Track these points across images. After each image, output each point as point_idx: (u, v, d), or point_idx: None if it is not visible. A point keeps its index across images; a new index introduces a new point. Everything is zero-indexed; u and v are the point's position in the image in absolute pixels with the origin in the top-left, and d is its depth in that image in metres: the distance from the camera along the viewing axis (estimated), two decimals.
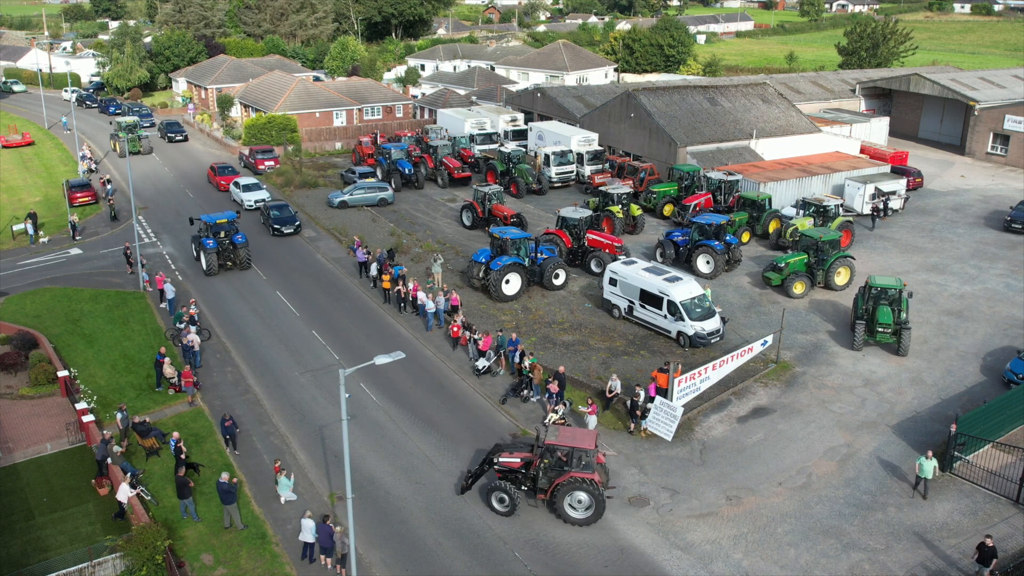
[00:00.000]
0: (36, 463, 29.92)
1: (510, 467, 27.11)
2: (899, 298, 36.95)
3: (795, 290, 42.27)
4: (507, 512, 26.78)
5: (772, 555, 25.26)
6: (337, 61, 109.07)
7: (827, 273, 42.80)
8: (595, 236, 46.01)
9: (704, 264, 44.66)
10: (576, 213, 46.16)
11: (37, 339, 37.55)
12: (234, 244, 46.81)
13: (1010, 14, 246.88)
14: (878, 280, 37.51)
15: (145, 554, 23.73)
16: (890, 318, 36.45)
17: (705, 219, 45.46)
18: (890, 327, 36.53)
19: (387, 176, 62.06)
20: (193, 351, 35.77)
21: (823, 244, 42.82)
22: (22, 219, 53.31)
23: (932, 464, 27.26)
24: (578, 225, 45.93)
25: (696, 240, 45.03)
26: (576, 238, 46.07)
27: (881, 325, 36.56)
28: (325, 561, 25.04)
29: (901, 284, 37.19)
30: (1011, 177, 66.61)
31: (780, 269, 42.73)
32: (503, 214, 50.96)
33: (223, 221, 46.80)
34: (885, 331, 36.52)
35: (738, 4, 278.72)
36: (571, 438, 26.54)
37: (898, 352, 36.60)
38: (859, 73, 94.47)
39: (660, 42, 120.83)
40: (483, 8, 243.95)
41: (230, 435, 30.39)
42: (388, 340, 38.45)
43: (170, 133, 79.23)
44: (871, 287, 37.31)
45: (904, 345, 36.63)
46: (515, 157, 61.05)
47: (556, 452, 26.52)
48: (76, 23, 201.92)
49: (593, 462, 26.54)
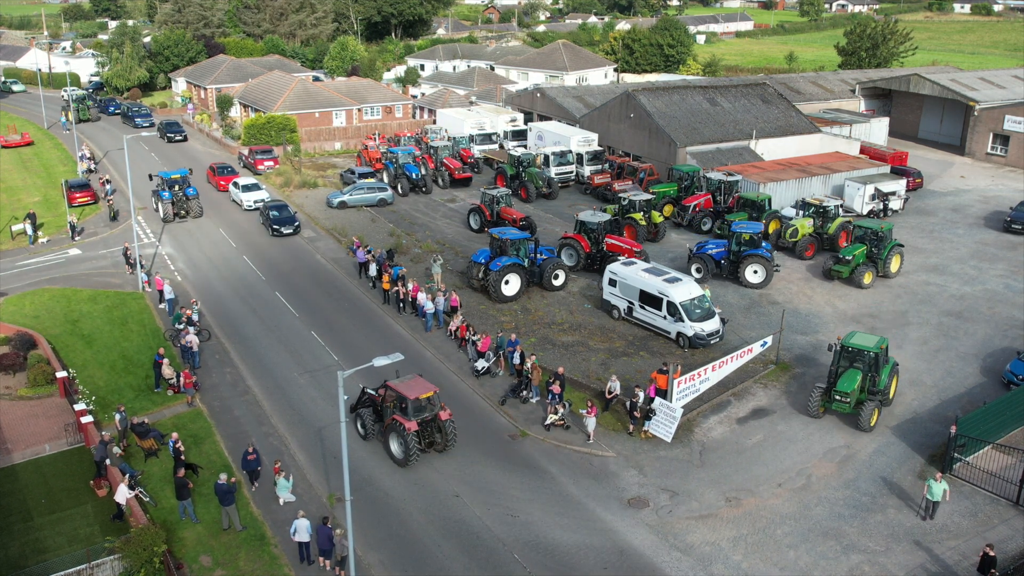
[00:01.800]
0: (35, 464, 29.86)
1: (372, 398, 30.96)
2: (876, 362, 31.32)
3: (865, 281, 43.60)
4: (363, 436, 30.71)
5: (772, 557, 25.23)
6: (337, 61, 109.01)
7: (885, 262, 44.41)
8: (614, 241, 45.14)
9: (752, 274, 43.45)
10: (595, 217, 45.44)
11: (36, 340, 37.50)
12: (186, 196, 55.23)
13: (1010, 14, 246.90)
14: (854, 339, 31.91)
15: (144, 556, 23.69)
16: (853, 386, 30.80)
17: (744, 228, 43.87)
18: (849, 396, 30.81)
19: (395, 181, 61.21)
20: (192, 352, 35.72)
21: (882, 233, 44.29)
22: (21, 219, 53.23)
23: (942, 487, 26.22)
24: (597, 229, 45.24)
25: (741, 250, 43.69)
26: (595, 243, 45.33)
27: (839, 392, 30.96)
28: (324, 563, 25.00)
29: (879, 348, 31.28)
30: (1011, 178, 66.58)
31: (847, 262, 43.99)
32: (512, 217, 50.28)
33: (177, 176, 55.37)
34: (842, 400, 30.93)
35: (738, 4, 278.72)
36: (408, 387, 29.25)
37: (858, 426, 30.93)
38: (859, 73, 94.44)
39: (660, 42, 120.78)
40: (483, 8, 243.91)
41: (251, 469, 28.02)
42: (387, 341, 38.41)
43: (169, 133, 79.16)
44: (844, 346, 31.80)
45: (864, 419, 30.69)
46: (525, 161, 60.13)
47: (391, 394, 29.70)
48: (75, 23, 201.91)
49: (424, 411, 29.31)
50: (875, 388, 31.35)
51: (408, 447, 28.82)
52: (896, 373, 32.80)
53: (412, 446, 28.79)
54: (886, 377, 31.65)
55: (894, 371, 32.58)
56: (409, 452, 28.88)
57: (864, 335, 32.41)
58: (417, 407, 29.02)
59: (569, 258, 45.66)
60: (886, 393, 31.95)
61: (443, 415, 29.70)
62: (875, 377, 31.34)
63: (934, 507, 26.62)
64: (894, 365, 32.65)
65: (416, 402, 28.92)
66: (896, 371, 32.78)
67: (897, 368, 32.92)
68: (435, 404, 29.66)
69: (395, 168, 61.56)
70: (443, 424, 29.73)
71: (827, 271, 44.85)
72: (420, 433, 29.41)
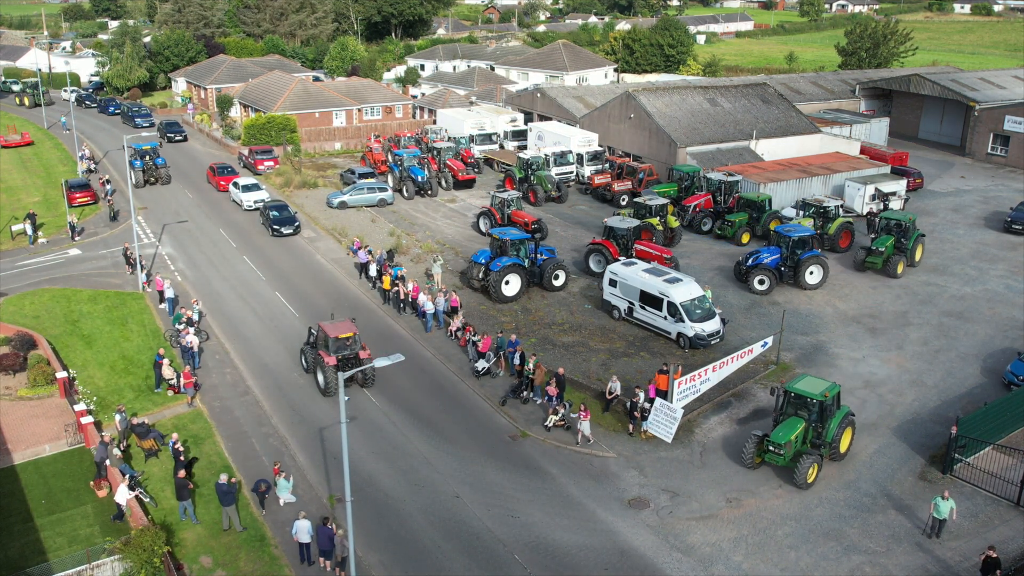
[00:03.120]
0: (35, 464, 29.83)
1: (313, 335, 35.03)
2: (821, 410, 28.43)
3: (899, 270, 44.96)
4: (306, 370, 35.28)
5: (772, 558, 25.21)
6: (337, 61, 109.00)
7: (911, 252, 45.69)
8: (643, 247, 44.30)
9: (810, 276, 43.10)
10: (623, 223, 44.51)
11: (36, 340, 37.46)
12: (155, 165, 63.71)
13: (1010, 14, 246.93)
14: (799, 384, 28.87)
15: (144, 556, 23.66)
16: (789, 436, 27.73)
17: (795, 231, 43.44)
18: (783, 448, 27.70)
19: (399, 184, 60.54)
20: (192, 352, 35.70)
21: (907, 224, 45.34)
22: (21, 219, 53.20)
23: (949, 505, 25.43)
24: (626, 235, 44.30)
25: (796, 254, 43.32)
26: (623, 248, 44.43)
27: (771, 443, 28.00)
28: (324, 564, 24.98)
29: (824, 395, 28.05)
30: (1011, 178, 66.58)
31: (880, 253, 45.01)
32: (523, 220, 49.57)
33: (147, 148, 64.19)
34: (776, 452, 27.89)
35: (738, 4, 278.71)
36: (332, 328, 33.46)
37: (794, 481, 27.80)
38: (859, 73, 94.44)
39: (660, 42, 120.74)
40: (483, 8, 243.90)
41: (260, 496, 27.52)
42: (387, 341, 38.39)
43: (169, 133, 79.14)
44: (787, 391, 28.89)
45: (800, 474, 27.52)
46: (534, 164, 59.39)
47: (320, 333, 33.92)
48: (75, 23, 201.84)
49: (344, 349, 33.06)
50: (819, 440, 28.57)
51: (328, 379, 32.93)
52: (851, 424, 29.30)
53: (331, 378, 32.79)
54: (835, 428, 28.48)
55: (847, 421, 29.02)
56: (328, 383, 33.00)
57: (814, 380, 29.30)
58: (337, 345, 32.98)
59: (597, 264, 44.71)
60: (835, 446, 28.73)
61: (363, 354, 33.37)
62: (820, 428, 28.53)
63: (940, 525, 25.74)
64: (847, 414, 29.09)
65: (336, 340, 32.96)
66: (851, 421, 29.30)
67: (852, 418, 29.44)
68: (355, 344, 33.33)
69: (400, 171, 60.79)
70: (362, 361, 33.03)
71: (860, 263, 45.79)
72: (340, 368, 32.43)
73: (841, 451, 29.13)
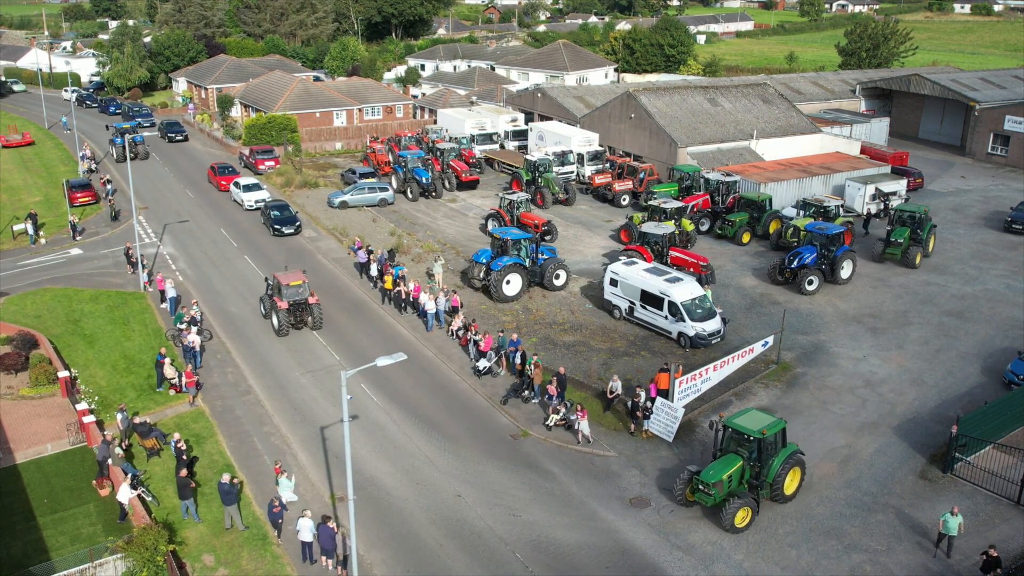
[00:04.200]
0: (37, 464, 29.89)
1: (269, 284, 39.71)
2: (760, 448, 26.44)
3: (917, 260, 46.32)
4: (264, 315, 40.14)
5: (773, 556, 25.26)
6: (337, 61, 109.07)
7: (925, 242, 46.94)
8: (679, 254, 43.43)
9: (843, 271, 43.71)
10: (658, 229, 43.77)
11: (37, 339, 37.53)
12: (135, 142, 70.21)
13: (1010, 14, 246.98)
14: (739, 419, 27.01)
15: (146, 555, 23.71)
16: (720, 476, 25.91)
17: (831, 230, 43.44)
18: (713, 488, 25.78)
19: (404, 185, 60.16)
20: (194, 352, 35.76)
21: (921, 216, 46.69)
22: (22, 219, 53.27)
23: (958, 521, 24.67)
24: (660, 241, 43.54)
25: (831, 251, 43.39)
26: (658, 255, 43.58)
27: (700, 481, 26.12)
28: (326, 563, 25.02)
29: (762, 432, 26.13)
30: (1011, 178, 66.63)
31: (899, 244, 46.26)
32: (533, 222, 49.19)
33: (127, 127, 74.92)
34: (705, 491, 25.99)
35: (738, 4, 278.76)
36: (284, 277, 38.48)
37: (721, 524, 25.86)
38: (859, 73, 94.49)
39: (660, 42, 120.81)
40: (483, 8, 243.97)
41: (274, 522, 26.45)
42: (388, 341, 38.45)
43: (170, 133, 79.22)
44: (726, 426, 27.10)
45: (727, 517, 25.54)
46: (541, 166, 58.60)
47: (274, 282, 38.70)
48: (76, 23, 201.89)
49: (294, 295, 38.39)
50: (758, 481, 26.55)
51: (280, 321, 38.02)
52: (798, 463, 26.99)
53: (283, 320, 38.11)
54: (777, 467, 26.37)
55: (794, 461, 26.79)
56: (280, 325, 38.22)
57: (758, 415, 27.35)
58: (288, 292, 38.23)
59: None
60: (777, 487, 26.52)
61: (311, 300, 38.94)
62: (759, 467, 26.55)
63: (950, 543, 24.95)
64: (793, 453, 26.89)
65: (287, 287, 38.16)
66: (798, 461, 26.99)
67: (799, 457, 27.09)
68: (304, 290, 38.62)
69: (404, 172, 60.35)
70: (311, 307, 38.93)
71: (879, 255, 47.11)
72: (291, 312, 38.50)
73: (786, 492, 26.79)
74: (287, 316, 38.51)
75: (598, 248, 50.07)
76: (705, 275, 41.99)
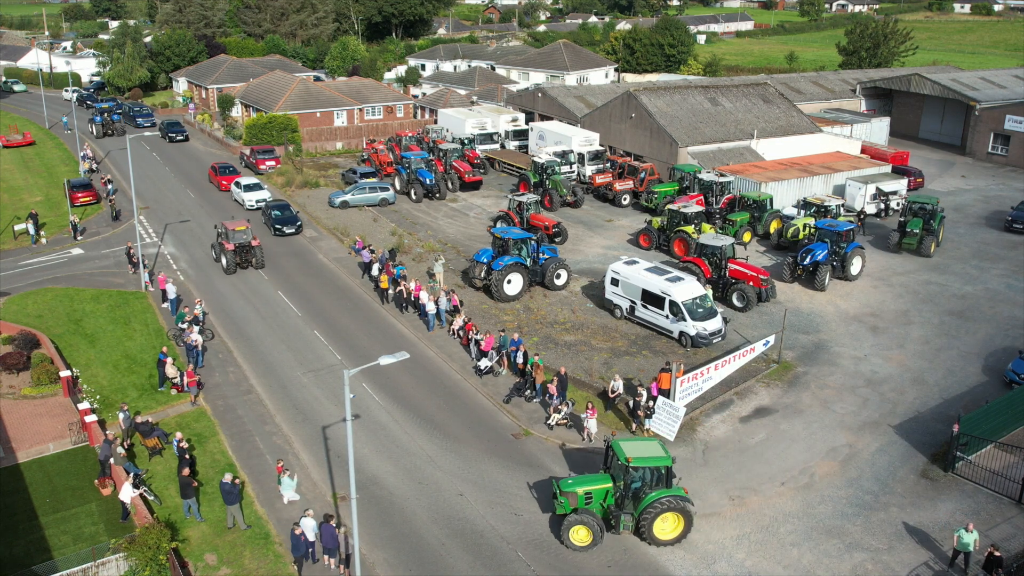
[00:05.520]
0: (39, 463, 29.93)
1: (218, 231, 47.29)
2: (623, 475, 25.29)
3: (932, 249, 47.90)
4: (216, 259, 46.93)
5: (775, 555, 25.29)
6: (338, 61, 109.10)
7: (937, 233, 48.50)
8: (738, 266, 41.48)
9: (853, 267, 44.06)
10: (717, 240, 41.77)
11: (39, 339, 37.55)
12: (112, 120, 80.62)
13: (1010, 14, 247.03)
14: (625, 441, 26.10)
15: (148, 554, 23.75)
16: (575, 488, 25.26)
17: (842, 226, 43.55)
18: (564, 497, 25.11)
19: (407, 186, 59.83)
20: (196, 351, 35.78)
21: (932, 207, 48.31)
22: (23, 219, 53.29)
23: (973, 537, 23.97)
24: (718, 253, 41.53)
25: (842, 247, 43.59)
26: (716, 268, 41.69)
27: (559, 488, 25.46)
28: (328, 562, 25.05)
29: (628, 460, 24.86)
30: (1012, 177, 66.64)
31: (914, 234, 47.76)
32: (544, 224, 48.81)
33: (106, 106, 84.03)
34: (556, 497, 25.40)
35: (738, 4, 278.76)
36: (230, 223, 46.40)
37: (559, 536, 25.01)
38: (859, 73, 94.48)
39: (661, 42, 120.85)
40: (483, 8, 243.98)
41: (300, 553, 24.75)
42: (390, 340, 38.48)
43: (171, 133, 79.20)
44: (609, 445, 26.12)
45: (563, 531, 24.86)
46: (549, 168, 57.77)
47: (221, 229, 46.63)
48: (76, 23, 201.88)
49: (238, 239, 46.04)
50: (620, 509, 25.49)
51: (228, 260, 45.42)
52: (680, 512, 25.05)
53: (230, 260, 45.52)
54: (647, 503, 25.00)
55: (672, 505, 24.87)
56: (228, 263, 45.47)
57: (651, 446, 25.99)
58: (234, 236, 45.89)
59: None
60: (643, 525, 25.00)
61: (254, 243, 46.42)
62: (623, 495, 25.45)
63: (967, 559, 24.21)
64: (677, 497, 25.02)
65: (233, 232, 45.89)
66: (680, 508, 24.99)
67: (683, 505, 25.06)
68: (248, 235, 46.28)
69: (408, 174, 60.00)
70: (254, 249, 46.31)
71: (895, 245, 48.67)
72: (237, 253, 45.80)
73: (656, 535, 25.03)
74: (233, 256, 45.75)
75: (599, 248, 50.08)
76: (764, 289, 40.61)
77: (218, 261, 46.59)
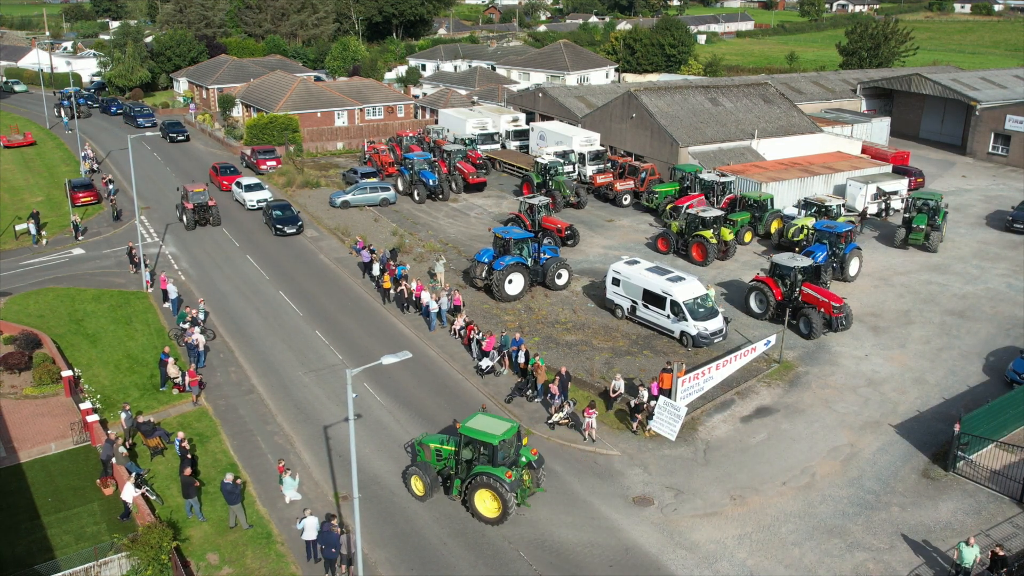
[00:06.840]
0: (41, 463, 29.95)
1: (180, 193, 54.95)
2: (457, 443, 26.59)
3: (938, 244, 49.04)
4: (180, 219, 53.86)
5: (776, 554, 25.31)
6: (338, 61, 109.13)
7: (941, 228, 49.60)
8: (811, 291, 38.72)
9: (852, 268, 44.24)
10: (792, 261, 39.18)
11: (41, 339, 37.57)
12: (79, 104, 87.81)
13: (1010, 14, 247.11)
14: (478, 416, 27.15)
15: (151, 553, 23.77)
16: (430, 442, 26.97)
17: (840, 228, 43.62)
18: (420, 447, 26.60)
19: (410, 187, 59.60)
20: (197, 351, 35.81)
21: (935, 203, 49.22)
22: (25, 219, 53.33)
23: (974, 552, 23.53)
24: (792, 275, 39.11)
25: (840, 248, 43.61)
26: (789, 288, 39.23)
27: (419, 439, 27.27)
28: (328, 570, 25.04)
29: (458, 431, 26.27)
30: (1012, 177, 66.67)
31: (921, 230, 48.73)
32: (556, 226, 48.52)
33: (71, 92, 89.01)
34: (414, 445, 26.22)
35: (738, 4, 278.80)
36: (191, 185, 53.72)
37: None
38: (860, 73, 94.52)
39: (661, 42, 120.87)
40: (483, 8, 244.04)
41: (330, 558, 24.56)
42: (391, 340, 38.50)
43: (171, 133, 79.24)
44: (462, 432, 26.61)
45: (406, 478, 26.58)
46: (552, 168, 57.23)
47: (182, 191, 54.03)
48: (76, 23, 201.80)
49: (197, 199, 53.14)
50: (454, 472, 26.96)
51: (188, 218, 52.35)
52: (490, 488, 25.79)
53: (190, 217, 52.40)
54: (464, 473, 26.41)
55: (481, 482, 25.83)
56: (188, 221, 52.51)
57: (495, 423, 26.59)
58: (194, 196, 52.92)
59: (759, 304, 40.01)
60: (464, 495, 26.39)
61: (210, 203, 53.41)
62: (454, 462, 26.99)
63: (968, 574, 23.77)
64: (482, 474, 25.86)
65: (193, 193, 53.02)
66: (488, 485, 25.78)
67: (491, 483, 25.73)
68: (205, 195, 53.62)
69: (410, 175, 59.76)
70: (211, 208, 53.55)
71: (902, 240, 49.42)
72: (196, 211, 52.78)
73: (476, 508, 26.24)
74: (192, 214, 52.70)
75: (600, 248, 50.11)
76: (836, 317, 38.18)
77: (180, 220, 53.30)
